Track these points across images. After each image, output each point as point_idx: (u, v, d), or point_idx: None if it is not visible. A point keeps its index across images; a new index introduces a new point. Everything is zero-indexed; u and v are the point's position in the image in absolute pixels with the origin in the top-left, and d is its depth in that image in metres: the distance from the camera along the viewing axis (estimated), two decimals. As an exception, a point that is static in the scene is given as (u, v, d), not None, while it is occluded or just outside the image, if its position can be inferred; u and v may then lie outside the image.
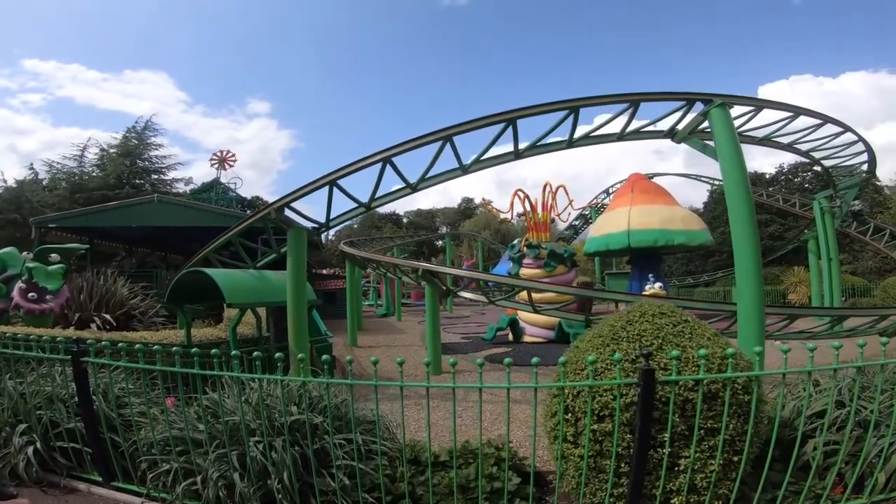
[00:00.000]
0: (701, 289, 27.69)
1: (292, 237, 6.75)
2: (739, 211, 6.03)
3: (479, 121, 7.02)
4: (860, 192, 14.55)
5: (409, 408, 6.24)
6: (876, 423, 3.12)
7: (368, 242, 23.65)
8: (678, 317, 3.25)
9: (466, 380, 8.13)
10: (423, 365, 8.81)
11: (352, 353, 11.98)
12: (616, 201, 17.52)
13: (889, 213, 30.59)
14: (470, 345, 13.00)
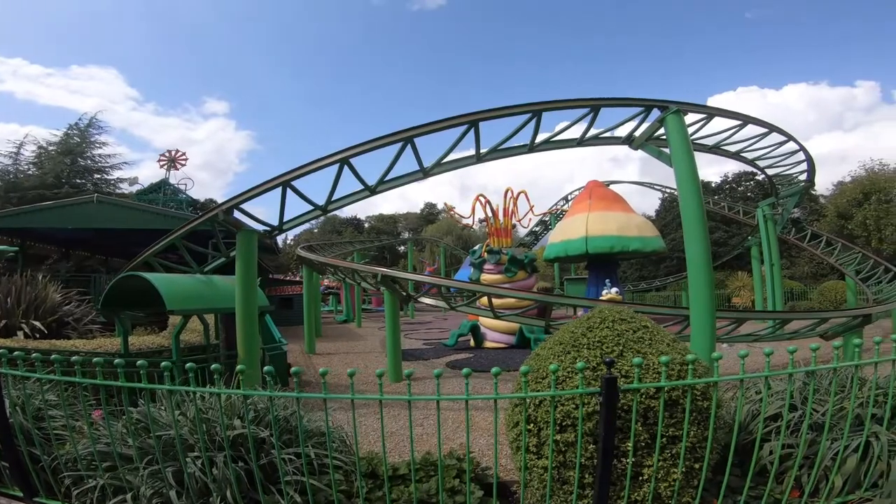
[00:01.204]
0: (653, 293, 28.75)
1: (242, 240, 6.37)
2: (692, 215, 6.19)
3: (441, 122, 6.92)
4: (800, 200, 15.48)
5: (369, 416, 6.02)
6: (830, 427, 3.15)
7: (328, 247, 23.03)
8: (638, 322, 3.21)
9: (427, 387, 7.94)
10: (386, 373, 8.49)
11: (309, 361, 11.57)
12: (574, 208, 17.86)
13: (825, 220, 32.89)
14: (432, 351, 12.83)
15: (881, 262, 15.11)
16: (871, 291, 13.96)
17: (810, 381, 2.97)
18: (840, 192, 34.60)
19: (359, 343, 15.40)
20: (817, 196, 38.44)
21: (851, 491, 3.17)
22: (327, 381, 2.70)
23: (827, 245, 17.29)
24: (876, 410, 3.32)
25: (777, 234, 15.84)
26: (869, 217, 30.16)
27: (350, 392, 2.69)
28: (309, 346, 13.20)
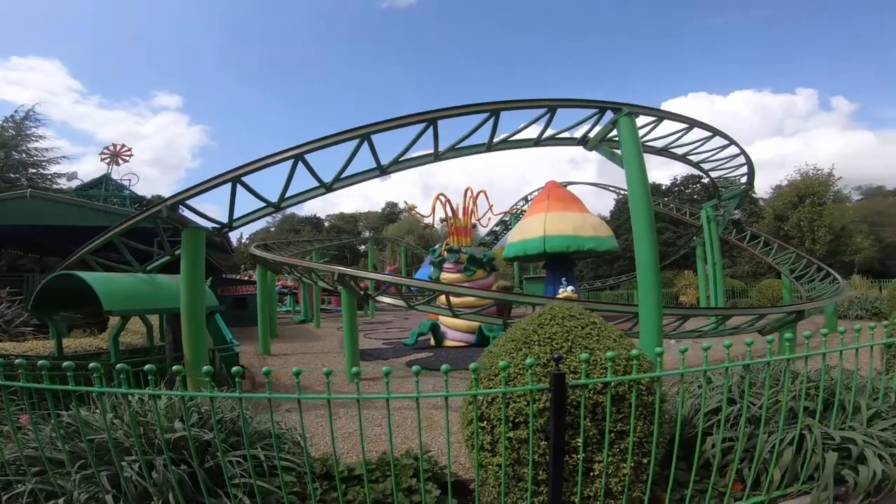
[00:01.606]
0: (608, 292, 29.74)
1: (187, 237, 6.07)
2: (641, 215, 6.41)
3: (399, 120, 6.85)
4: (740, 202, 16.40)
5: (324, 417, 5.91)
6: (766, 420, 3.24)
7: (285, 246, 22.38)
8: (586, 319, 3.25)
9: (383, 388, 7.87)
10: (342, 372, 8.35)
11: (264, 363, 11.20)
12: (533, 208, 18.20)
13: (763, 222, 35.07)
14: (391, 350, 12.73)
15: (814, 262, 16.26)
16: (805, 289, 14.99)
17: (746, 375, 3.11)
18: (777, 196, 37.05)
19: (317, 343, 15.08)
20: (757, 199, 40.96)
21: (790, 484, 3.26)
22: (281, 382, 2.60)
23: (765, 245, 18.43)
24: (808, 403, 3.46)
25: (719, 235, 16.71)
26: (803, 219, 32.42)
27: (297, 392, 2.60)
28: (263, 347, 12.80)
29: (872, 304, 16.92)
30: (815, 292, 13.82)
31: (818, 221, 31.72)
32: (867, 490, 3.16)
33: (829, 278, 14.39)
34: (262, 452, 3.14)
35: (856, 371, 3.58)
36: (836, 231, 31.67)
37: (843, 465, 3.27)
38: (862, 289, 21.05)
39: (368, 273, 9.57)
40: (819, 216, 31.84)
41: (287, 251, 20.26)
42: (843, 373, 3.60)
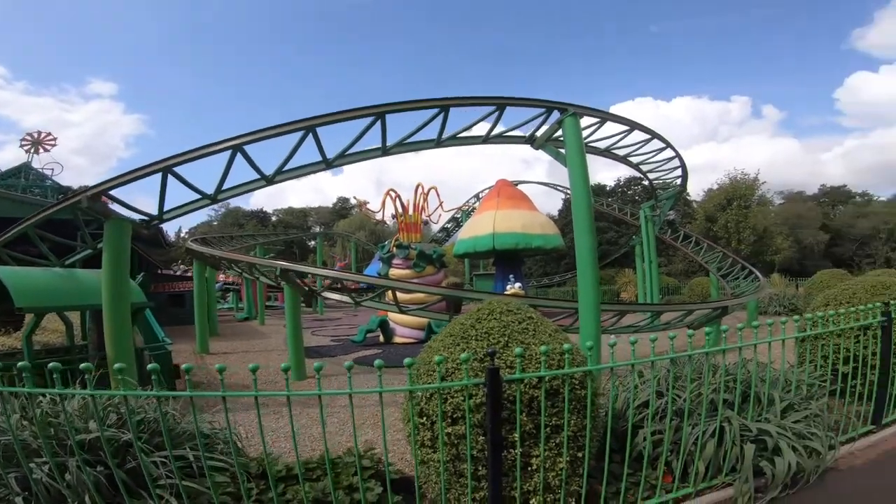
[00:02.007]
0: (555, 288, 30.69)
1: (110, 229, 5.63)
2: (582, 213, 6.62)
3: (346, 113, 6.69)
4: (674, 203, 17.41)
5: (267, 416, 5.75)
6: (690, 412, 3.39)
7: (227, 240, 21.34)
8: (523, 314, 3.28)
9: (333, 384, 7.77)
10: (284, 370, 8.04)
11: (202, 361, 10.65)
12: (484, 205, 18.41)
13: (695, 223, 37.44)
14: (339, 347, 12.49)
15: (738, 261, 17.55)
16: (730, 286, 16.15)
17: (670, 370, 3.27)
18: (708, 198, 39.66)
19: (260, 341, 14.53)
20: (691, 201, 43.64)
21: (715, 475, 3.40)
22: (225, 381, 2.48)
23: (696, 245, 19.70)
24: (727, 396, 3.63)
25: (655, 234, 17.65)
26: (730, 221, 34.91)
27: (221, 389, 2.48)
28: (201, 345, 12.17)
29: (790, 300, 18.52)
30: (739, 289, 14.92)
31: (743, 223, 34.30)
32: (784, 482, 3.33)
33: (752, 276, 15.57)
34: (191, 453, 3.02)
35: (769, 364, 3.86)
36: (759, 232, 34.38)
37: (762, 456, 3.43)
38: (781, 286, 23.02)
39: (311, 268, 9.29)
40: (744, 218, 34.42)
41: (230, 246, 19.34)
42: (758, 366, 3.78)
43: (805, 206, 45.59)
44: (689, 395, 3.34)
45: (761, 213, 35.92)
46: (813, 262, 38.74)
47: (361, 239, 40.08)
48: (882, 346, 4.55)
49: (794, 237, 38.78)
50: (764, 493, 3.34)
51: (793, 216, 42.14)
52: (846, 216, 47.50)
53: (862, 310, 4.67)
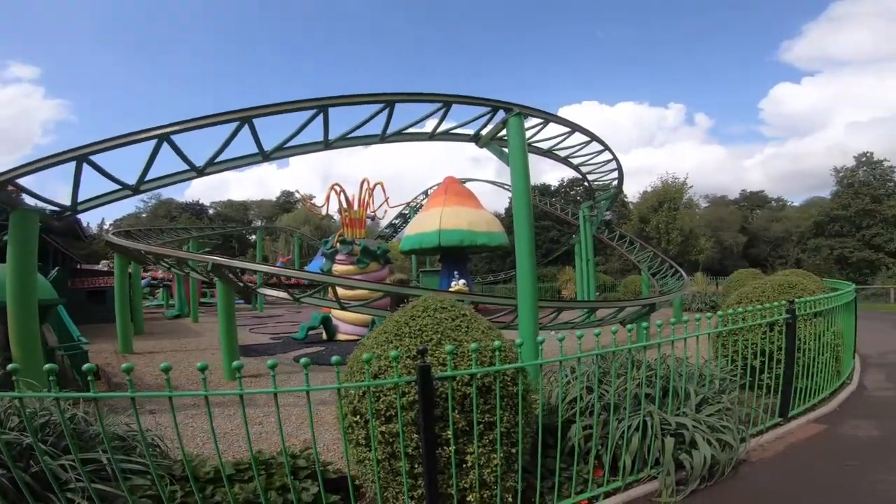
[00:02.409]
0: (500, 286, 31.36)
1: (16, 220, 5.11)
2: (521, 212, 6.73)
3: (286, 105, 6.44)
4: (611, 204, 18.28)
5: (198, 417, 5.64)
6: (616, 407, 3.51)
7: (157, 234, 19.97)
8: (457, 311, 3.30)
9: (267, 383, 7.48)
10: (220, 370, 7.80)
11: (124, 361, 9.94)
12: (431, 202, 18.44)
13: (630, 223, 39.57)
14: (279, 345, 12.09)
15: (667, 260, 18.79)
16: (659, 284, 17.25)
17: (596, 366, 3.42)
18: (642, 200, 42.05)
19: (193, 340, 13.76)
20: (628, 202, 46.09)
21: (641, 469, 3.55)
22: (144, 382, 2.32)
23: (630, 244, 20.88)
24: (650, 390, 3.78)
25: (593, 234, 18.47)
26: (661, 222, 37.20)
27: (129, 390, 2.34)
28: (123, 344, 11.34)
29: (710, 297, 20.07)
30: (666, 287, 15.96)
31: (672, 225, 36.67)
32: (702, 474, 3.53)
33: (678, 275, 16.73)
34: (104, 456, 2.88)
35: (685, 359, 4.09)
36: (685, 234, 36.88)
37: (681, 449, 3.61)
38: (703, 285, 24.87)
39: (245, 263, 8.89)
40: (673, 220, 36.82)
41: (159, 240, 18.12)
42: (676, 361, 3.99)
43: (727, 210, 49.47)
44: (614, 389, 3.48)
45: (688, 215, 38.57)
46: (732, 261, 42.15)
47: (306, 234, 38.86)
48: (787, 341, 4.90)
49: (716, 238, 41.97)
50: (685, 486, 3.52)
51: (716, 219, 45.62)
52: (762, 219, 52.14)
53: (769, 307, 5.02)
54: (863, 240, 38.01)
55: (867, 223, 37.89)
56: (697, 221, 39.99)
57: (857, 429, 4.92)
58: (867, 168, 39.66)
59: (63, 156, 5.32)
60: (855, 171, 39.97)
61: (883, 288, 27.08)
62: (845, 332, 6.63)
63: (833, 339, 5.88)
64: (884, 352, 9.33)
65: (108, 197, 5.95)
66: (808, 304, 5.35)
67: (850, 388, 6.37)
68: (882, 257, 35.58)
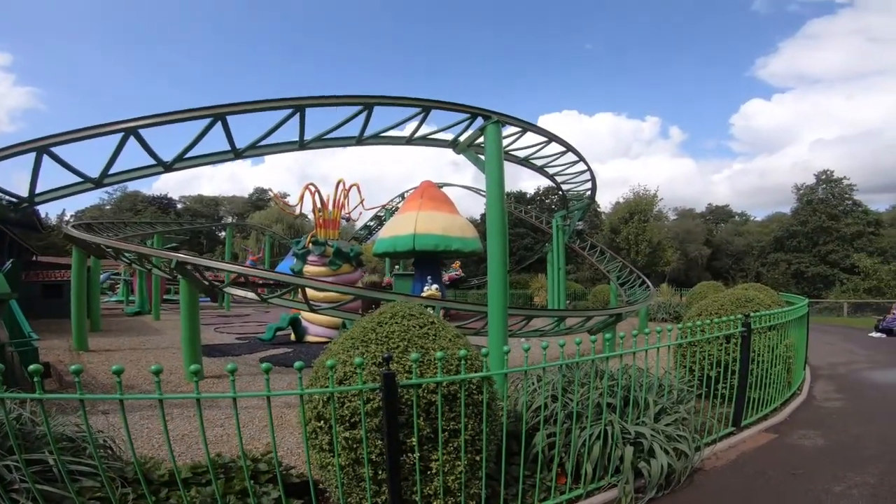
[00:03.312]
0: (473, 291, 31.46)
1: (-34, 211, 4.87)
2: (495, 219, 6.75)
3: (262, 103, 6.34)
4: (584, 214, 18.64)
5: (154, 419, 5.46)
6: (579, 415, 3.59)
7: (119, 227, 19.24)
8: (425, 318, 3.31)
9: (228, 387, 7.27)
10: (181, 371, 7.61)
11: (78, 359, 9.54)
12: (406, 205, 18.40)
13: (602, 233, 40.45)
14: (245, 346, 11.79)
15: (635, 271, 19.29)
16: (627, 294, 17.68)
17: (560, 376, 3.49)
18: (614, 211, 43.07)
19: (153, 338, 13.31)
20: (601, 212, 47.13)
21: (602, 477, 3.62)
22: (98, 381, 2.24)
23: (601, 254, 21.35)
24: (611, 400, 3.88)
25: (565, 243, 18.80)
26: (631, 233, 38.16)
27: (77, 391, 2.26)
28: (78, 341, 10.86)
29: (675, 308, 20.71)
30: (633, 297, 16.38)
31: (642, 236, 37.69)
32: (659, 482, 3.63)
33: (645, 286, 17.20)
34: (51, 457, 2.82)
35: (646, 370, 4.25)
36: (654, 245, 37.96)
37: (640, 458, 3.70)
38: (668, 295, 25.67)
39: (211, 262, 8.65)
40: (643, 231, 37.84)
41: (122, 233, 17.47)
42: (637, 371, 4.14)
43: (693, 223, 51.24)
44: (577, 398, 3.56)
45: (657, 227, 39.73)
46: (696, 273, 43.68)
47: (278, 232, 38.15)
48: (742, 353, 5.11)
49: (682, 250, 43.37)
50: (643, 494, 3.62)
51: (682, 231, 47.17)
52: (726, 233, 54.25)
53: (725, 321, 5.23)
54: (819, 255, 40.01)
55: (823, 240, 39.92)
56: (665, 233, 41.21)
57: (804, 438, 5.15)
58: (826, 186, 41.74)
59: (22, 146, 5.10)
60: (815, 188, 42.04)
61: (836, 302, 28.48)
62: (798, 344, 6.95)
63: (786, 351, 6.14)
64: (834, 363, 9.82)
65: (69, 189, 5.72)
66: (763, 318, 5.57)
67: (801, 398, 6.67)
68: (836, 273, 37.43)
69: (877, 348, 12.37)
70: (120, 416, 2.32)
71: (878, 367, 9.61)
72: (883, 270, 30.20)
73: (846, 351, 11.85)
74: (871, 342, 13.70)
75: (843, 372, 9.05)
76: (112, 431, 4.23)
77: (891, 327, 15.02)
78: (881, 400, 7.08)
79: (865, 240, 38.72)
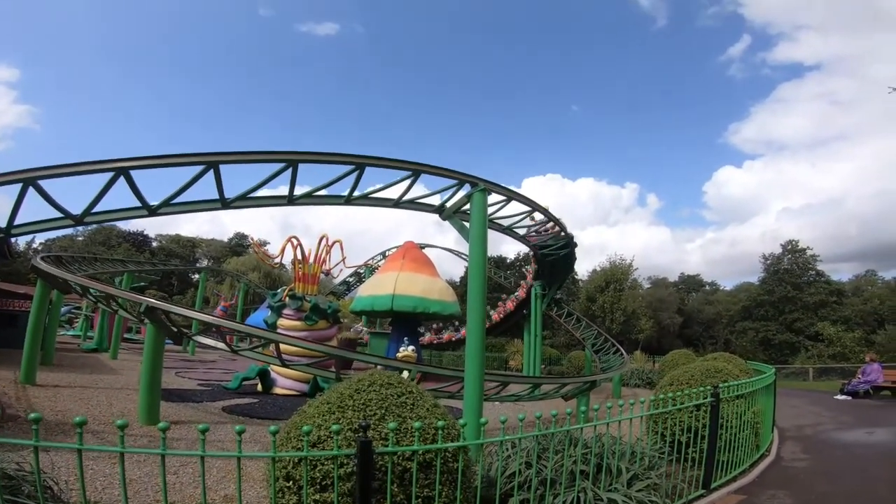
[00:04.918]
0: (449, 353, 30.99)
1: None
2: (476, 289, 6.80)
3: (255, 154, 6.52)
4: (562, 284, 19.03)
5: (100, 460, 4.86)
6: (552, 482, 3.60)
7: (90, 262, 18.67)
8: (403, 387, 3.39)
9: (192, 432, 6.78)
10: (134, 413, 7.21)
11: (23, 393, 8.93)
12: (388, 265, 18.59)
13: (578, 301, 40.95)
14: (207, 393, 11.14)
15: (609, 339, 19.52)
16: (601, 361, 17.76)
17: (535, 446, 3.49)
18: (590, 279, 43.91)
19: (107, 377, 12.49)
20: (578, 280, 47.98)
21: None
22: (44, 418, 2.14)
23: (577, 322, 21.61)
24: (584, 467, 3.91)
25: (543, 311, 19.01)
26: (606, 302, 38.75)
27: (34, 438, 2.16)
28: (26, 374, 10.14)
29: (648, 374, 20.83)
30: (607, 364, 16.44)
31: (616, 305, 38.30)
32: None
33: (619, 353, 17.36)
34: None
35: (619, 437, 4.32)
36: (628, 314, 38.52)
37: None
38: (641, 362, 25.90)
39: (185, 310, 8.37)
40: (618, 300, 38.50)
41: (92, 269, 16.95)
42: (610, 439, 4.24)
43: (666, 292, 52.45)
44: (552, 465, 3.59)
45: (631, 296, 40.51)
46: (669, 340, 44.13)
47: (254, 280, 37.43)
48: (711, 421, 5.32)
49: (655, 318, 44.03)
50: None
51: (656, 299, 48.14)
52: (697, 302, 55.61)
53: (695, 392, 5.45)
54: (784, 323, 41.30)
55: (789, 308, 41.36)
56: (640, 302, 41.95)
57: (773, 498, 5.18)
58: (791, 256, 43.71)
59: (9, 176, 5.09)
60: (780, 258, 43.98)
61: (802, 367, 29.36)
62: (765, 410, 7.22)
63: (753, 417, 6.39)
64: (801, 425, 9.94)
65: (49, 224, 5.66)
66: (731, 388, 5.83)
67: (769, 459, 6.77)
68: (802, 340, 38.65)
69: (842, 410, 12.54)
70: (66, 453, 2.21)
71: (843, 428, 9.74)
72: (847, 337, 31.39)
73: (813, 413, 11.98)
74: (837, 404, 13.91)
75: (809, 433, 9.14)
76: (54, 472, 3.96)
77: (856, 390, 15.37)
78: (848, 459, 7.17)
79: (829, 309, 40.30)
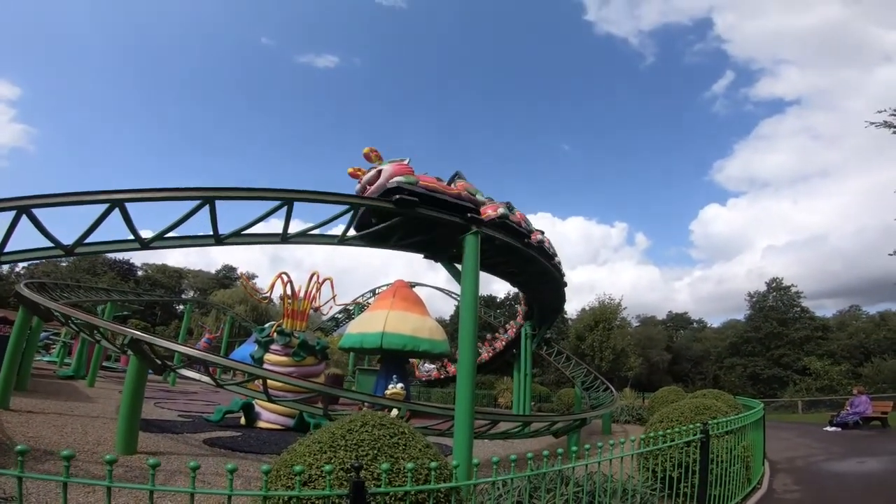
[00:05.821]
0: (437, 389, 30.50)
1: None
2: (467, 331, 6.82)
3: (253, 191, 6.50)
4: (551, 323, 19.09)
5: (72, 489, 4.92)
6: None
7: (74, 289, 18.30)
8: (395, 428, 3.42)
9: (172, 463, 6.58)
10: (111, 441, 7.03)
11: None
12: (378, 303, 18.58)
13: (568, 340, 40.81)
14: (188, 424, 10.77)
15: (599, 377, 19.47)
16: (591, 398, 17.65)
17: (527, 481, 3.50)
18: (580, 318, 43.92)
19: (83, 405, 12.08)
20: (567, 318, 47.98)
21: None
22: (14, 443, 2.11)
23: (566, 360, 21.60)
24: None
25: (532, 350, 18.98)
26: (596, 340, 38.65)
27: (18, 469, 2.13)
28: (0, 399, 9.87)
29: (637, 411, 20.66)
30: (597, 401, 16.33)
31: (606, 343, 38.22)
32: None
33: (608, 391, 17.29)
34: None
35: (610, 475, 4.33)
36: (617, 352, 38.42)
37: None
38: (631, 399, 25.81)
39: (170, 343, 8.21)
40: (607, 339, 38.44)
41: (77, 296, 16.64)
42: (602, 477, 4.25)
43: (655, 329, 52.71)
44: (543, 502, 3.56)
45: (620, 334, 40.48)
46: (658, 377, 44.02)
47: (240, 313, 36.86)
48: (701, 457, 5.38)
49: (644, 356, 44.00)
50: None
51: (645, 337, 48.29)
52: (685, 339, 55.89)
53: (685, 429, 5.53)
54: (772, 358, 41.67)
55: (775, 344, 41.78)
56: (629, 340, 41.91)
57: None
58: (776, 293, 44.41)
59: (6, 203, 5.10)
60: (766, 295, 44.66)
61: (791, 400, 29.61)
62: (755, 444, 7.30)
63: (743, 451, 6.45)
64: (791, 457, 9.90)
65: (38, 253, 5.63)
66: (720, 425, 5.90)
67: (761, 492, 6.78)
68: (789, 374, 38.95)
69: (832, 441, 12.48)
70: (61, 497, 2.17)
71: (834, 459, 9.69)
72: (834, 371, 31.59)
73: (803, 445, 11.93)
74: (827, 436, 13.85)
75: (801, 465, 9.11)
76: (26, 499, 3.79)
77: (845, 421, 15.35)
78: (839, 489, 7.16)
79: (814, 343, 40.81)
